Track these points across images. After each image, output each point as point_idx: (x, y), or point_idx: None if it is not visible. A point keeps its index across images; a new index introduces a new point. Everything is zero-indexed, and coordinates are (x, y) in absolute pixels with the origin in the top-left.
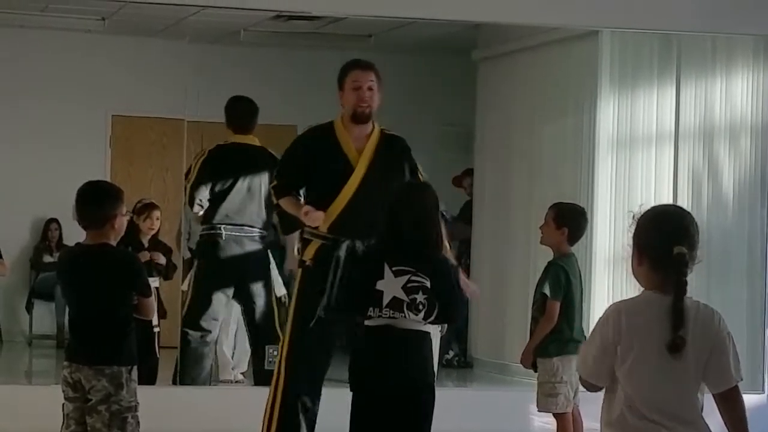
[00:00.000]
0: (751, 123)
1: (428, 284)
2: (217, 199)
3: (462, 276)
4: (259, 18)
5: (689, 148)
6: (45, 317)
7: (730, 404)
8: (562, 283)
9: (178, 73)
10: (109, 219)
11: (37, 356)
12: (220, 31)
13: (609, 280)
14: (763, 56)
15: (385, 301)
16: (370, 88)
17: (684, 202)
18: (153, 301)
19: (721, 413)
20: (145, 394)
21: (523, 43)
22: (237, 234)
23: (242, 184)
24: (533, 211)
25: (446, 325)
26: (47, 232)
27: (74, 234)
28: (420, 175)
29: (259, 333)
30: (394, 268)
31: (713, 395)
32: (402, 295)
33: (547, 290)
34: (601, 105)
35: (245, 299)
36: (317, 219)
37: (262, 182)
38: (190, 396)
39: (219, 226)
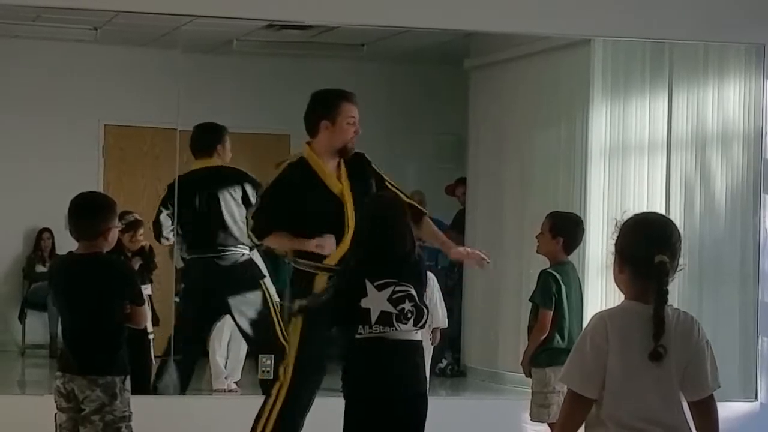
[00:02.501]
0: (743, 131)
1: (413, 291)
2: (186, 228)
3: (457, 250)
4: (251, 27)
5: (681, 156)
6: (38, 327)
7: (705, 412)
8: (553, 292)
9: (171, 82)
10: (102, 232)
11: (30, 366)
12: (212, 40)
13: (602, 288)
14: (755, 65)
15: (374, 317)
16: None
17: (676, 211)
18: (146, 309)
19: (694, 421)
20: (138, 404)
21: (515, 52)
22: (210, 256)
23: (207, 208)
24: (526, 220)
25: (438, 335)
26: (40, 241)
27: (67, 243)
28: (388, 185)
29: (253, 344)
30: (376, 283)
31: (688, 403)
32: (389, 308)
33: (537, 299)
34: (593, 113)
35: (236, 316)
36: (332, 244)
37: (225, 201)
38: (183, 405)
39: (193, 251)
